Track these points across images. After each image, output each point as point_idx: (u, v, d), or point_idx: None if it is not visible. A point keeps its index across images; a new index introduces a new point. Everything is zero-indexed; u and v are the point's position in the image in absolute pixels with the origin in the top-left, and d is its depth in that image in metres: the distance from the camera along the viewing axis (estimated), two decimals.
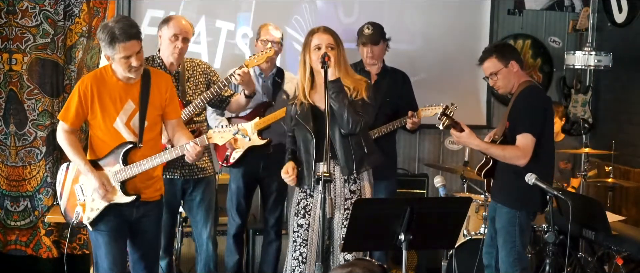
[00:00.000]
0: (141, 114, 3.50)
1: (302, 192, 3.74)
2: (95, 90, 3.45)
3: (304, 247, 3.65)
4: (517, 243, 3.94)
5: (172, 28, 4.17)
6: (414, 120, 4.65)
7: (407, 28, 5.73)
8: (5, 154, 4.96)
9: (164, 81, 3.63)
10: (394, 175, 5.01)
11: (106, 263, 3.59)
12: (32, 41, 4.92)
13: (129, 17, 3.71)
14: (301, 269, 3.65)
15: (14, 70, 4.93)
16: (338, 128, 3.64)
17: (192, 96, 4.24)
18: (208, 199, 4.36)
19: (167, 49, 4.17)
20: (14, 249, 5.05)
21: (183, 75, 4.25)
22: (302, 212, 3.68)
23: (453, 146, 5.91)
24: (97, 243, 3.60)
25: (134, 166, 3.47)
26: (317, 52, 3.62)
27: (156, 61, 4.23)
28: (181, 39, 4.16)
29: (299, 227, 3.66)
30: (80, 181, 3.58)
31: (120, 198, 3.51)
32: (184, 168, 4.23)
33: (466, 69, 5.78)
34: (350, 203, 3.68)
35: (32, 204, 5.03)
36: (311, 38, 3.68)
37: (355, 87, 3.67)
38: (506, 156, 3.90)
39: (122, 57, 3.36)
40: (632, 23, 5.65)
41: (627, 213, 5.47)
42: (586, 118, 6.02)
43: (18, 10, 4.88)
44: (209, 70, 4.40)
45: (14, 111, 4.94)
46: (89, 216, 3.54)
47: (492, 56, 4.02)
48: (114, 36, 3.31)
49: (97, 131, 3.53)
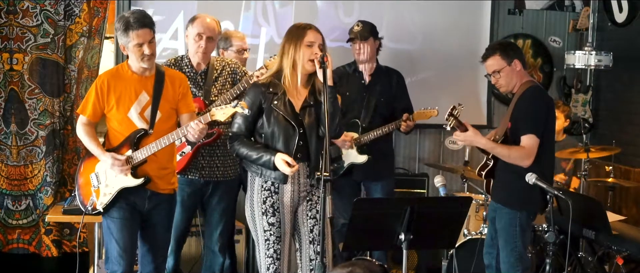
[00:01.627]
0: (154, 105, 3.68)
1: (265, 190, 3.62)
2: (111, 83, 3.68)
3: (277, 244, 3.62)
4: (518, 243, 3.94)
5: (196, 27, 4.21)
6: (408, 123, 4.65)
7: (407, 28, 5.73)
8: (6, 154, 4.96)
9: (178, 78, 3.82)
10: (391, 175, 5.02)
11: (116, 250, 3.70)
12: (33, 40, 4.92)
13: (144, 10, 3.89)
14: (276, 266, 3.63)
15: (15, 70, 4.93)
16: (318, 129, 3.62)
17: (217, 96, 4.24)
18: (225, 203, 4.36)
19: (192, 48, 4.23)
20: (15, 248, 5.06)
21: (210, 75, 4.26)
22: (270, 211, 3.61)
23: (453, 146, 5.91)
24: (108, 231, 3.74)
25: (144, 150, 3.63)
26: (309, 49, 3.55)
27: (184, 61, 4.29)
28: (205, 38, 4.20)
29: (271, 226, 3.61)
30: (95, 170, 3.76)
31: (131, 181, 3.65)
32: (204, 170, 4.24)
33: (466, 69, 5.79)
34: (311, 194, 3.66)
35: (34, 202, 5.04)
36: (304, 33, 3.56)
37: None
38: (512, 156, 3.90)
39: (136, 44, 3.57)
40: (633, 23, 5.65)
41: (627, 213, 5.47)
42: (586, 117, 6.02)
43: (19, 10, 4.88)
44: (238, 69, 4.36)
45: (15, 111, 4.95)
46: (102, 201, 3.70)
47: (496, 54, 4.02)
48: (128, 24, 3.56)
49: (112, 123, 3.73)
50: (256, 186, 3.64)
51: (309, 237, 3.65)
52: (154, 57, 3.69)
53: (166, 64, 4.27)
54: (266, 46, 5.47)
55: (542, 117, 3.91)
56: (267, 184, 3.61)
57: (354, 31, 4.73)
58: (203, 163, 4.22)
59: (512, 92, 4.09)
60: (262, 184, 3.62)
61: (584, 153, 5.19)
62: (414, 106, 4.94)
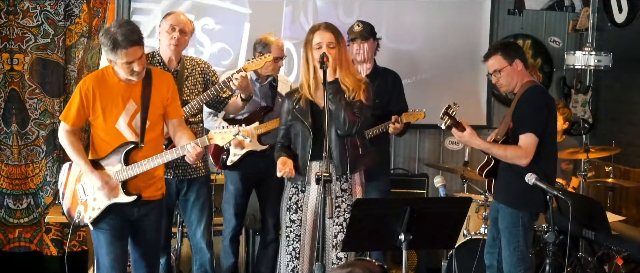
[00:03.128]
0: (143, 114, 3.52)
1: (293, 187, 3.75)
2: (96, 90, 3.47)
3: (296, 243, 3.66)
4: (520, 243, 3.94)
5: (169, 20, 4.19)
6: (396, 126, 4.63)
7: (407, 28, 5.73)
8: (6, 153, 4.97)
9: (166, 81, 3.65)
10: (386, 176, 5.00)
11: (107, 262, 3.61)
12: (33, 41, 4.93)
13: (131, 22, 3.68)
14: (294, 264, 3.65)
15: (15, 70, 4.94)
16: (335, 128, 3.64)
17: (189, 95, 4.23)
18: (202, 199, 4.35)
19: (164, 41, 4.17)
20: (17, 246, 5.07)
21: (182, 74, 4.24)
22: (294, 207, 3.68)
23: (453, 146, 5.91)
24: (99, 242, 3.62)
25: (135, 166, 3.49)
26: (319, 51, 3.62)
27: (155, 58, 4.22)
28: (178, 30, 4.14)
29: (292, 222, 3.67)
30: (82, 181, 3.60)
31: (122, 198, 3.53)
32: (177, 169, 4.23)
33: (466, 69, 5.79)
34: (340, 201, 3.69)
35: (35, 201, 5.05)
36: (312, 36, 3.67)
37: (354, 88, 3.67)
38: (508, 156, 3.90)
39: (125, 63, 3.38)
40: (632, 23, 5.66)
41: (627, 213, 5.47)
42: (586, 118, 6.03)
43: (19, 11, 4.89)
44: (208, 70, 4.36)
45: (16, 111, 4.95)
46: (91, 215, 3.56)
47: (498, 53, 4.03)
48: (116, 43, 3.32)
49: (98, 131, 3.55)
50: (288, 185, 3.77)
51: (333, 242, 3.67)
52: (144, 72, 3.49)
53: None
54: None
55: (543, 116, 3.91)
56: (298, 182, 3.72)
57: (354, 31, 4.73)
58: (176, 162, 4.14)
59: (513, 92, 4.09)
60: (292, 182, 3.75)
61: (583, 153, 5.20)
62: (414, 106, 4.94)
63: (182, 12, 4.33)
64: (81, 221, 3.59)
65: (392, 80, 4.89)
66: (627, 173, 5.66)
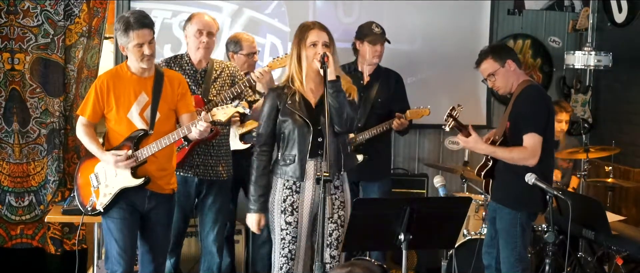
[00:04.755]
0: (153, 106, 3.70)
1: (286, 189, 3.65)
2: (110, 84, 3.70)
3: (292, 244, 3.63)
4: (518, 243, 3.94)
5: (195, 24, 4.23)
6: (401, 121, 4.64)
7: (407, 28, 5.74)
8: (8, 152, 4.98)
9: (177, 78, 3.84)
10: (387, 176, 5.01)
11: (116, 250, 3.72)
12: (34, 40, 4.93)
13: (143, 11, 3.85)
14: (290, 266, 3.64)
15: (16, 69, 4.95)
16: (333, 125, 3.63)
17: (215, 96, 4.25)
18: (219, 204, 4.35)
19: (193, 45, 4.24)
20: (19, 243, 5.08)
21: (210, 74, 4.27)
22: (289, 210, 3.63)
23: (453, 146, 5.92)
24: (108, 231, 3.75)
25: (145, 149, 3.65)
26: (312, 49, 3.58)
27: (184, 59, 4.29)
28: (206, 34, 4.22)
29: (288, 225, 3.63)
30: (95, 171, 3.77)
31: (131, 181, 3.66)
32: (198, 168, 4.24)
33: (466, 69, 5.75)
34: (334, 198, 3.67)
35: (37, 198, 5.07)
36: (307, 34, 3.60)
37: (348, 89, 3.68)
38: (514, 157, 3.89)
39: (136, 45, 3.59)
40: (632, 23, 5.66)
41: (627, 213, 5.48)
42: (586, 117, 6.03)
43: (19, 11, 4.90)
44: (236, 73, 4.39)
45: (17, 110, 4.96)
46: (102, 201, 3.71)
47: (488, 57, 4.04)
48: (128, 24, 3.57)
49: (112, 124, 3.73)
50: (278, 186, 3.66)
51: (327, 240, 3.66)
52: (154, 58, 3.70)
53: (166, 62, 4.29)
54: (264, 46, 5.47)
55: (543, 115, 3.91)
56: (289, 183, 3.64)
57: (375, 33, 4.72)
58: (197, 161, 4.22)
59: (510, 92, 4.09)
60: (284, 183, 3.65)
61: (583, 153, 5.20)
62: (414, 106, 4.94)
63: (205, 13, 4.36)
64: (93, 207, 3.74)
65: (394, 80, 4.91)
66: (627, 173, 5.66)
